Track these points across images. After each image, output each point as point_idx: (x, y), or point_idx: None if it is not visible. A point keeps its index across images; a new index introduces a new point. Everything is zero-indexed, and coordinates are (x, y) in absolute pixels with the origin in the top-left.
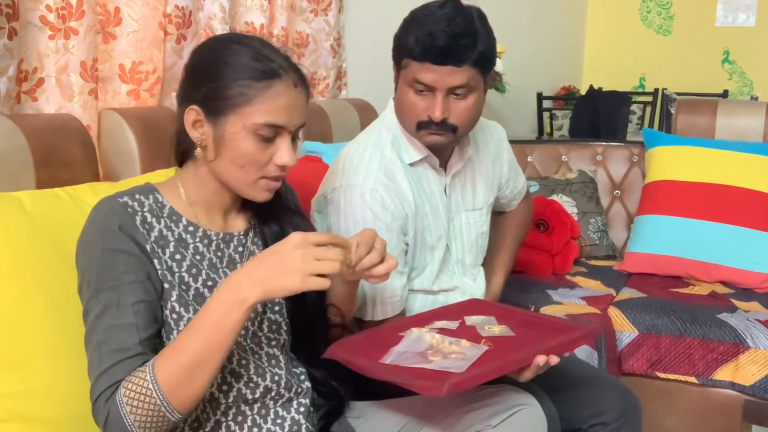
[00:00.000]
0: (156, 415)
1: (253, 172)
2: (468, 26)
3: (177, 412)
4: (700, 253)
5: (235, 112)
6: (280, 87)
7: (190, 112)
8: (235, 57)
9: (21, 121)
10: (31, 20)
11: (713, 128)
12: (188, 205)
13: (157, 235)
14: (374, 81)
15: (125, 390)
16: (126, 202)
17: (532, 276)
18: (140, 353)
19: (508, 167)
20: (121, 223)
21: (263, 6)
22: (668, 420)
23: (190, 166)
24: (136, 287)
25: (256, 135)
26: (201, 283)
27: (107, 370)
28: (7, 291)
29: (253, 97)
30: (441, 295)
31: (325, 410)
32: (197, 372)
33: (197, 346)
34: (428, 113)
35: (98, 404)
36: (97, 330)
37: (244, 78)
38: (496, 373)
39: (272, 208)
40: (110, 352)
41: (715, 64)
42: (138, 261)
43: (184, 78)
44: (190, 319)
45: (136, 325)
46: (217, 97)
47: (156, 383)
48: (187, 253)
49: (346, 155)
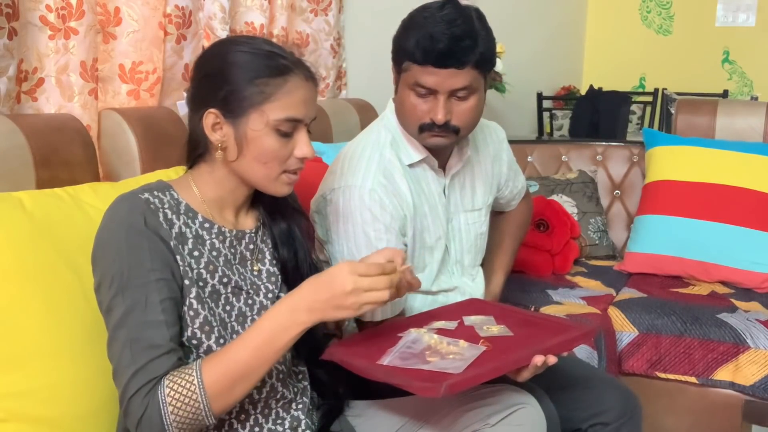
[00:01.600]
0: (195, 418)
1: (276, 167)
2: (468, 28)
3: (213, 417)
4: (700, 253)
5: (256, 110)
6: (295, 81)
7: (208, 115)
8: (247, 57)
9: (21, 121)
10: (31, 20)
11: (713, 128)
12: (202, 202)
13: (177, 232)
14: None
15: (169, 389)
16: (147, 198)
17: (532, 276)
18: (172, 350)
19: (507, 167)
20: (147, 220)
21: (263, 6)
22: (668, 420)
23: (203, 167)
24: (162, 285)
25: (276, 131)
26: (217, 279)
27: (143, 367)
28: (7, 291)
29: (271, 93)
30: (440, 296)
31: (325, 409)
32: (241, 382)
33: (247, 359)
34: (430, 116)
35: (135, 400)
36: (126, 327)
37: (260, 76)
38: (494, 373)
39: (279, 208)
40: (143, 350)
41: (715, 64)
42: (163, 258)
43: (196, 84)
44: (206, 316)
45: (165, 322)
46: (236, 98)
47: (203, 387)
48: (204, 249)
49: (345, 156)
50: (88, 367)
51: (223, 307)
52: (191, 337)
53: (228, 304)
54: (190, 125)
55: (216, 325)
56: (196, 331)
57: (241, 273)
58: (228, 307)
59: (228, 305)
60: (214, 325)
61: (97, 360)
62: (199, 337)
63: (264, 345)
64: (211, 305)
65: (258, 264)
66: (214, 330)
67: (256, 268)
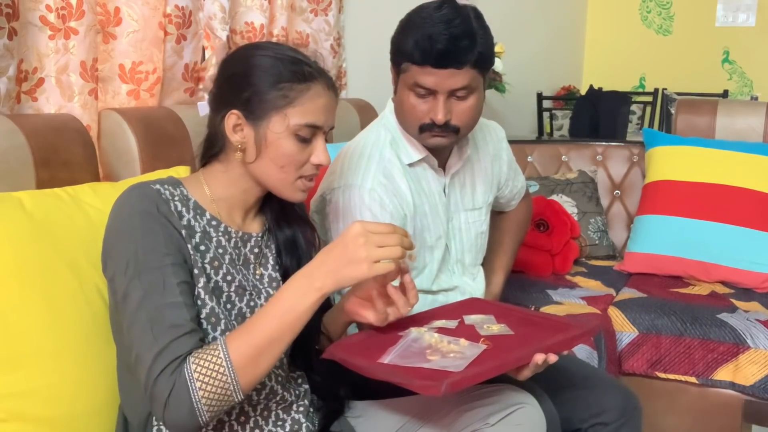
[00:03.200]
0: (224, 393)
1: (293, 172)
2: (466, 27)
3: (241, 392)
4: (700, 253)
5: (278, 114)
6: (317, 88)
7: (230, 116)
8: (272, 62)
9: (21, 121)
10: (31, 20)
11: (713, 128)
12: (212, 201)
13: (186, 224)
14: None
15: (196, 366)
16: (158, 189)
17: (532, 276)
18: (194, 329)
19: (507, 167)
20: (159, 207)
21: (263, 6)
22: (668, 420)
23: (217, 167)
24: (177, 269)
25: (296, 136)
26: (221, 276)
27: (166, 346)
28: (7, 291)
29: (294, 98)
30: (441, 295)
31: (325, 410)
32: (266, 353)
33: (270, 328)
34: (430, 116)
35: (161, 380)
36: (145, 309)
37: (284, 81)
38: (495, 372)
39: (286, 216)
40: (165, 330)
41: (715, 64)
42: (176, 243)
43: (220, 84)
44: (213, 308)
45: (184, 303)
46: (259, 100)
47: (230, 360)
48: (211, 245)
49: (345, 155)
50: (88, 367)
51: (224, 305)
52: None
53: (229, 303)
54: (210, 125)
55: (223, 318)
56: (203, 321)
57: (244, 275)
58: (229, 305)
59: (229, 303)
60: (221, 317)
61: (97, 360)
62: (206, 328)
63: (285, 314)
64: (215, 300)
65: (261, 268)
66: (221, 323)
67: (259, 272)
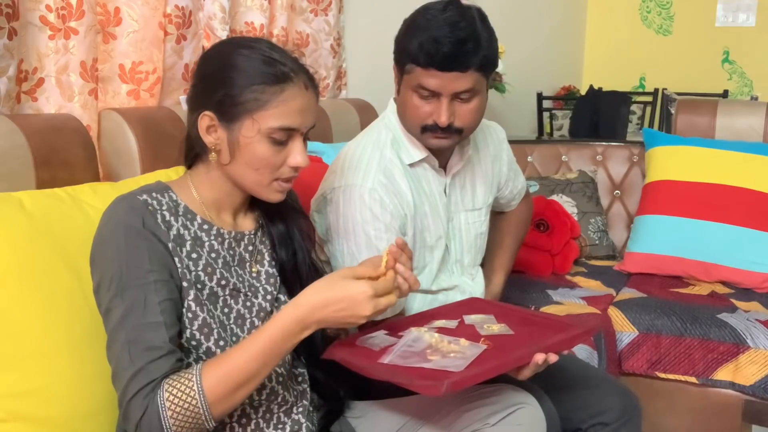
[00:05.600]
0: (194, 421)
1: (268, 175)
2: (471, 30)
3: (213, 421)
4: (700, 253)
5: (250, 117)
6: (292, 90)
7: (203, 118)
8: (247, 62)
9: (21, 121)
10: (31, 20)
11: (713, 128)
12: (201, 203)
13: (176, 234)
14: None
15: (168, 394)
16: (146, 200)
17: (532, 276)
18: (171, 351)
19: (507, 167)
20: (145, 221)
21: (263, 6)
22: (668, 420)
23: (201, 168)
24: (160, 286)
25: (270, 138)
26: (215, 282)
27: (142, 368)
28: (7, 291)
29: (266, 101)
30: (440, 295)
31: (325, 410)
32: (243, 387)
33: (250, 365)
34: (433, 118)
35: (134, 402)
36: (124, 329)
37: (257, 83)
38: (495, 371)
39: (279, 209)
40: (141, 351)
41: (715, 64)
42: (162, 259)
43: (195, 84)
44: (204, 318)
45: (164, 323)
46: (231, 103)
47: (203, 393)
48: (203, 251)
49: (346, 155)
50: (88, 367)
51: (222, 310)
52: (190, 339)
53: (226, 307)
54: (188, 125)
55: (215, 327)
56: (195, 332)
57: (240, 275)
58: (226, 309)
59: (226, 307)
60: (213, 327)
61: (97, 360)
62: (198, 339)
63: (269, 350)
64: (209, 307)
65: (257, 265)
66: (213, 332)
67: (255, 270)
